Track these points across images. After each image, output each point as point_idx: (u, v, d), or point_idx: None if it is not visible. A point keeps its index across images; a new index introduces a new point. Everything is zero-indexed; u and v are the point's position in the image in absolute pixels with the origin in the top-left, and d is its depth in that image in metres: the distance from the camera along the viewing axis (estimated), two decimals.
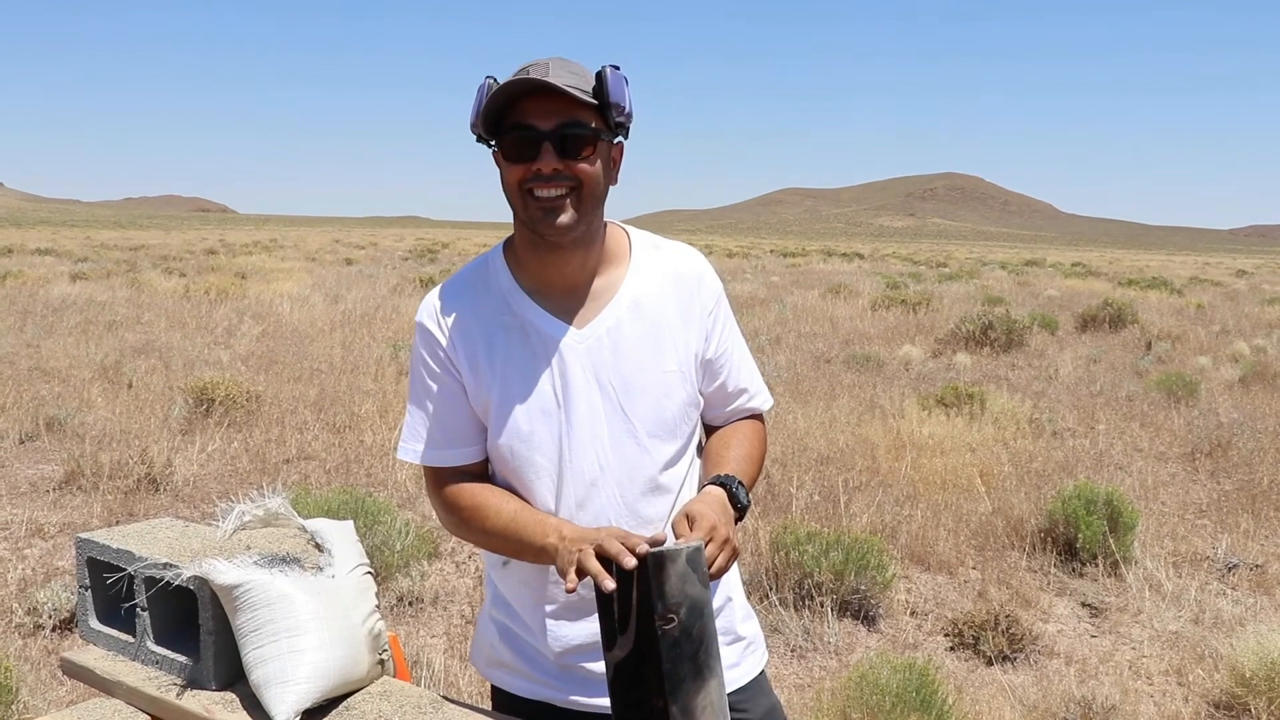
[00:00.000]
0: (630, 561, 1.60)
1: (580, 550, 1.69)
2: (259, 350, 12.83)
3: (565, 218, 1.82)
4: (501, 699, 2.12)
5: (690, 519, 1.75)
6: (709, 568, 1.66)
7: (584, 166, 1.82)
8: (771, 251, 66.99)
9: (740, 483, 1.89)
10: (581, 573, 1.66)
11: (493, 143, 1.87)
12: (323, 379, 10.76)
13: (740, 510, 1.86)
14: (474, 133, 1.87)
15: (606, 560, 1.64)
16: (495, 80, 1.83)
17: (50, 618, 4.71)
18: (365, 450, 7.92)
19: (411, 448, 2.01)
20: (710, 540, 1.70)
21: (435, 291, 2.02)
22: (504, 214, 1.87)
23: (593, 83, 1.82)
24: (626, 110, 1.84)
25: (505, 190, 1.88)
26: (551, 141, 1.79)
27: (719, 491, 1.85)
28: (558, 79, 1.76)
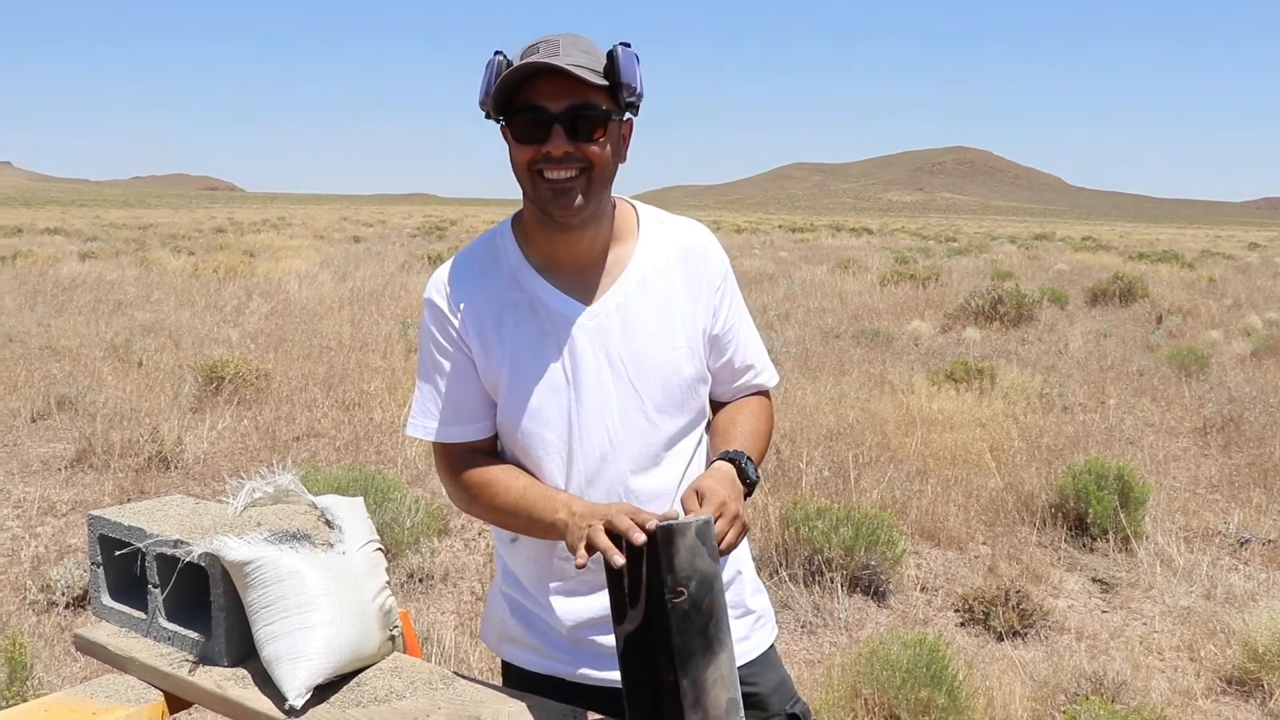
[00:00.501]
0: (639, 538, 1.60)
1: (590, 526, 1.69)
2: (268, 328, 12.86)
3: (575, 200, 1.81)
4: (512, 674, 2.13)
5: (699, 495, 1.74)
6: (719, 543, 1.66)
7: (594, 148, 1.80)
8: (780, 227, 66.82)
9: (749, 458, 1.89)
10: (591, 548, 1.66)
11: (501, 121, 1.85)
12: (331, 357, 10.78)
13: (749, 485, 1.86)
14: (483, 109, 1.85)
15: (616, 536, 1.64)
16: (504, 56, 1.81)
17: (63, 595, 4.74)
18: (374, 427, 7.94)
19: (421, 424, 2.01)
20: (720, 515, 1.70)
21: (444, 268, 2.01)
22: (512, 191, 1.86)
23: (603, 61, 1.80)
24: (637, 90, 1.83)
25: (514, 169, 1.86)
26: (562, 123, 1.77)
27: (728, 467, 1.85)
28: (568, 59, 1.74)
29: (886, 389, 9.39)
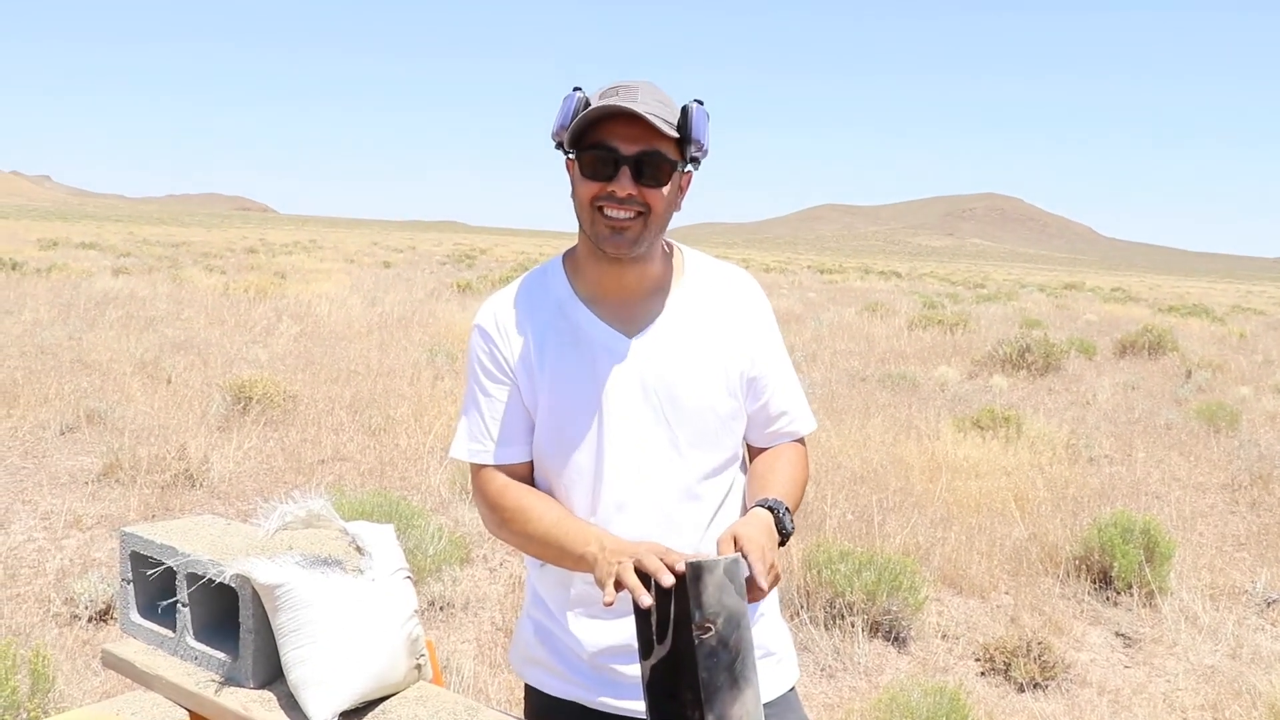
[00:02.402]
0: (668, 580, 1.61)
1: (619, 564, 1.70)
2: (296, 350, 12.94)
3: (630, 239, 1.88)
4: (534, 698, 2.15)
5: (736, 540, 1.75)
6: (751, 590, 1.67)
7: (656, 194, 1.87)
8: (808, 267, 66.89)
9: (787, 509, 1.90)
10: (619, 586, 1.67)
11: (571, 155, 1.91)
12: (359, 381, 10.83)
13: (784, 536, 1.87)
14: (554, 140, 1.92)
15: (645, 575, 1.65)
16: (583, 93, 1.89)
17: (86, 609, 4.76)
18: (400, 453, 7.96)
19: (466, 447, 2.05)
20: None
21: (494, 296, 2.09)
22: (541, 223, 1.92)
23: (677, 114, 1.88)
24: (704, 147, 1.91)
25: (575, 203, 1.92)
26: (630, 166, 1.84)
27: (766, 515, 1.86)
28: (645, 107, 1.81)
29: (912, 434, 9.35)
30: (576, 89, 1.89)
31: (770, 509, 1.87)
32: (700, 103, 1.88)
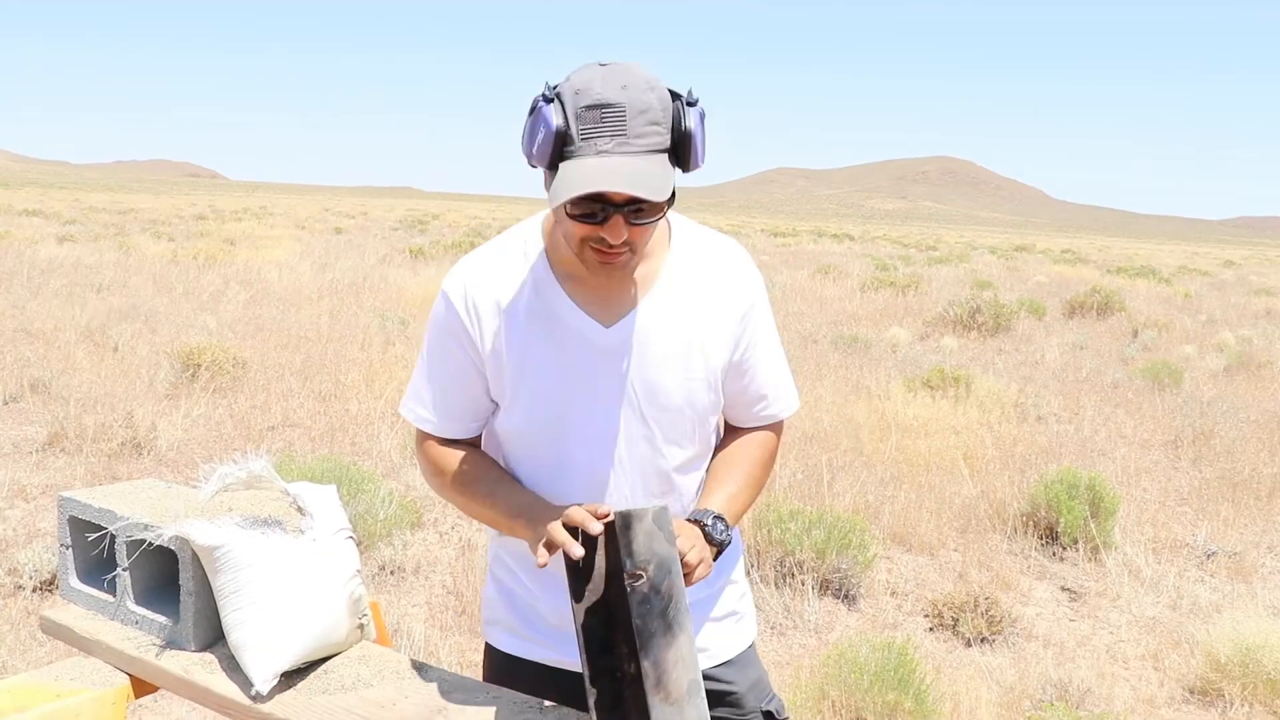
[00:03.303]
0: (596, 527, 1.60)
1: (549, 525, 1.66)
2: (246, 316, 12.80)
3: (620, 264, 1.75)
4: (493, 656, 2.13)
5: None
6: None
7: (650, 228, 1.73)
8: (762, 231, 66.94)
9: (719, 517, 1.83)
10: (551, 546, 1.64)
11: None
12: (309, 347, 10.73)
13: (717, 546, 1.81)
14: (530, 163, 1.71)
15: (575, 530, 1.65)
16: (559, 104, 1.65)
17: (31, 579, 4.70)
18: (350, 419, 7.91)
19: (414, 410, 1.98)
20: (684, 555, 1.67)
21: (468, 262, 1.94)
22: (496, 188, 1.84)
23: (669, 114, 1.67)
24: (700, 164, 1.72)
25: (558, 220, 1.76)
26: (624, 214, 1.66)
27: (693, 529, 1.79)
28: (638, 142, 1.63)
29: (863, 394, 9.42)
30: (548, 99, 1.64)
31: (697, 521, 1.81)
32: (694, 102, 1.69)
